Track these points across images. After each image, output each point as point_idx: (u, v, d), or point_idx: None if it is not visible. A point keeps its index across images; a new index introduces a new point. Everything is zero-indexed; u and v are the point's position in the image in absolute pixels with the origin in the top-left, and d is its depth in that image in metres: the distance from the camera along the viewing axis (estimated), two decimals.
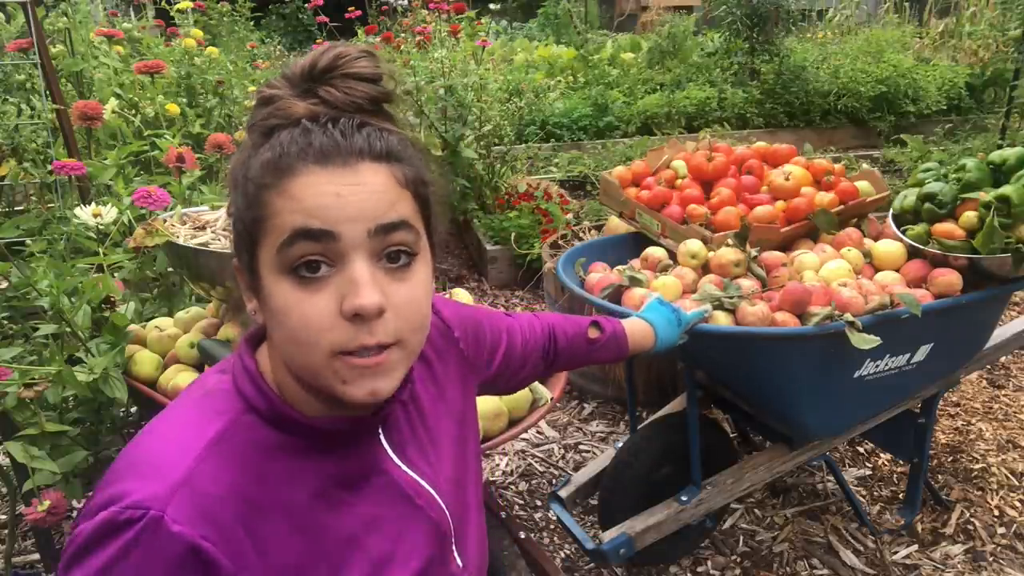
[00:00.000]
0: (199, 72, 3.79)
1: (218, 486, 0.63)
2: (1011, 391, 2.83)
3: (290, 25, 11.40)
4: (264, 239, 0.64)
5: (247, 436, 0.67)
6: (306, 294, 0.62)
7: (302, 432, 0.69)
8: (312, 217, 0.61)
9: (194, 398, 0.71)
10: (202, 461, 0.63)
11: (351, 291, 0.62)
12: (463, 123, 3.88)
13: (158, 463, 0.63)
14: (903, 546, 2.04)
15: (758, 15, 6.35)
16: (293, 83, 0.67)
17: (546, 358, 1.16)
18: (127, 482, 0.61)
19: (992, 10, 7.61)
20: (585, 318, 1.25)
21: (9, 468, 1.70)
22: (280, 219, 0.62)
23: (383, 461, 0.75)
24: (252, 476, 0.65)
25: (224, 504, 0.63)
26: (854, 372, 1.63)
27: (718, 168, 2.05)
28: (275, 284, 0.64)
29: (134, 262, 1.77)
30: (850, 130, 6.47)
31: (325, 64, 0.66)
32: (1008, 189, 1.59)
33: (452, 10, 4.41)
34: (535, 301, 3.73)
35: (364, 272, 0.62)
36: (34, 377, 1.39)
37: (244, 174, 0.66)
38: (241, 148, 0.70)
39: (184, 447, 0.64)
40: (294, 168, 0.63)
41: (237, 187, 0.67)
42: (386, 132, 0.67)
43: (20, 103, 2.54)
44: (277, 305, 0.64)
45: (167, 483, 0.61)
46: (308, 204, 0.62)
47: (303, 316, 0.62)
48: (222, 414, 0.67)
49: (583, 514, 2.18)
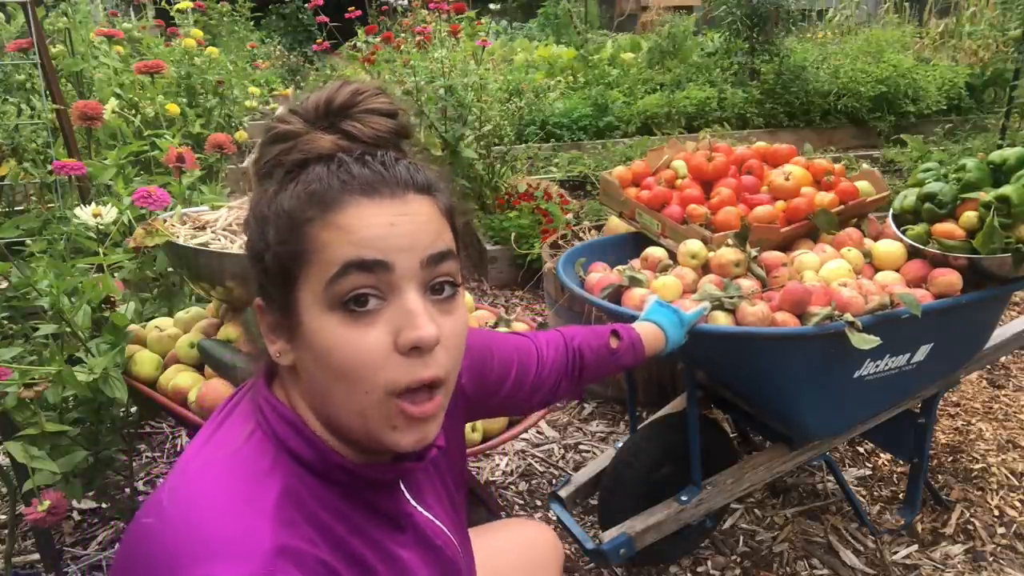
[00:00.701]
0: (199, 72, 3.79)
1: (306, 545, 0.60)
2: (1011, 391, 2.83)
3: (290, 25, 11.39)
4: (306, 274, 0.61)
5: (301, 489, 0.64)
6: (357, 329, 0.60)
7: (345, 481, 0.66)
8: (365, 248, 0.60)
9: (230, 461, 0.64)
10: (279, 524, 0.59)
11: (408, 323, 0.60)
12: (463, 123, 3.88)
13: (233, 543, 0.57)
14: (903, 546, 2.04)
15: (758, 15, 6.35)
16: (309, 119, 0.66)
17: (571, 375, 1.13)
18: (211, 565, 0.55)
19: (992, 10, 7.61)
20: (604, 328, 1.24)
21: (9, 468, 1.70)
22: (328, 252, 0.60)
23: (403, 504, 0.75)
24: (320, 528, 0.63)
25: (318, 559, 0.60)
26: (854, 372, 1.63)
27: (718, 168, 2.05)
28: (321, 321, 0.61)
29: (134, 262, 1.77)
30: (850, 130, 6.47)
31: (344, 100, 0.65)
32: (1008, 189, 1.59)
33: (452, 10, 4.41)
34: (535, 301, 3.73)
35: (419, 303, 0.61)
36: (34, 377, 1.39)
37: (273, 211, 0.63)
38: (259, 186, 0.67)
39: (253, 522, 0.59)
40: (340, 200, 0.61)
41: (264, 224, 0.64)
42: (421, 164, 0.66)
43: (20, 103, 2.54)
44: (325, 343, 0.61)
45: (261, 557, 0.56)
46: (361, 235, 0.60)
47: (357, 353, 0.60)
48: (272, 474, 0.63)
49: (583, 514, 2.18)
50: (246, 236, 0.68)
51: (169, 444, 2.56)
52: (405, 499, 0.75)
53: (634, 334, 1.27)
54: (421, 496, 0.78)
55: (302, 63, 9.88)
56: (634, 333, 1.27)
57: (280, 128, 0.66)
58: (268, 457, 0.64)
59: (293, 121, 0.66)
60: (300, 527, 0.61)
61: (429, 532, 0.76)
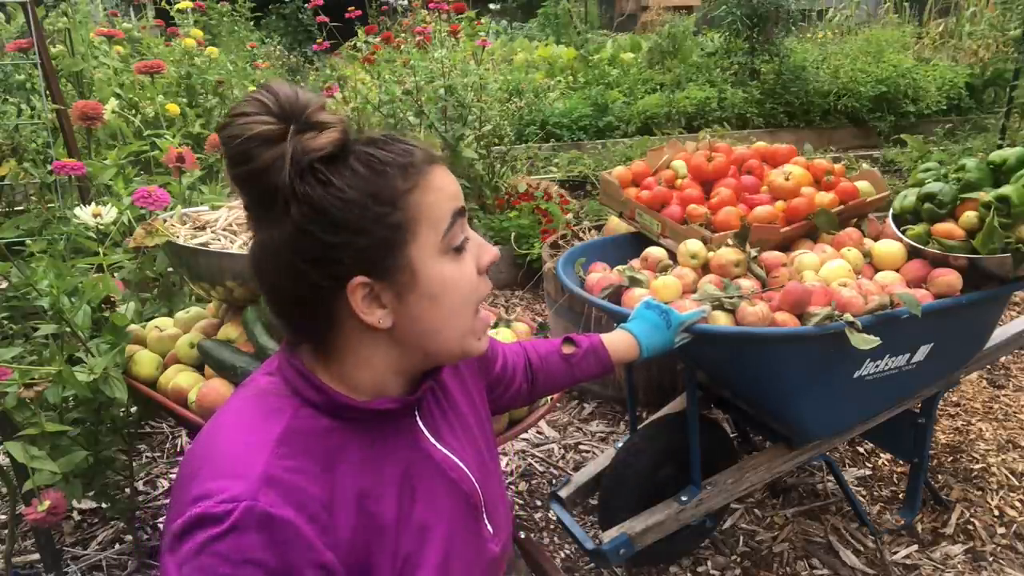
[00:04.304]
0: (199, 72, 3.79)
1: (295, 476, 0.69)
2: (1011, 391, 2.83)
3: (290, 25, 11.40)
4: (419, 232, 0.72)
5: (308, 427, 0.73)
6: (462, 264, 0.76)
7: (356, 416, 0.76)
8: (457, 200, 0.75)
9: (251, 398, 0.76)
10: (275, 456, 0.69)
11: (483, 251, 0.79)
12: (463, 123, 3.88)
13: (235, 463, 0.68)
14: (903, 546, 2.04)
15: (758, 15, 6.36)
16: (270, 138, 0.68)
17: (528, 377, 1.20)
18: (211, 482, 0.67)
19: (992, 10, 7.61)
20: (558, 339, 1.27)
21: (9, 468, 1.70)
22: (436, 209, 0.73)
23: (421, 441, 0.83)
24: (321, 463, 0.72)
25: (305, 491, 0.68)
26: (854, 372, 1.63)
27: (718, 168, 2.05)
28: (438, 267, 0.74)
29: (134, 262, 1.77)
30: (850, 130, 6.48)
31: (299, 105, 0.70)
32: (1008, 189, 1.59)
33: (452, 10, 4.41)
34: (535, 301, 3.73)
35: (478, 235, 0.79)
36: (34, 377, 1.39)
37: (349, 198, 0.69)
38: (318, 182, 0.69)
39: (256, 446, 0.70)
40: (423, 169, 0.73)
41: (357, 210, 0.69)
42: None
43: (20, 103, 2.54)
44: (442, 284, 0.74)
45: (251, 479, 0.66)
46: (450, 191, 0.75)
47: (468, 282, 0.76)
48: (282, 411, 0.74)
49: (583, 514, 2.18)
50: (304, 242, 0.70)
51: (169, 444, 2.56)
52: (424, 436, 0.84)
53: (595, 341, 1.28)
54: (439, 434, 0.86)
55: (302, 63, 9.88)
56: (595, 340, 1.28)
57: (260, 130, 0.67)
58: (282, 399, 0.75)
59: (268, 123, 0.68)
60: (297, 458, 0.70)
61: (444, 466, 0.84)
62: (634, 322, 1.39)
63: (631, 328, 1.37)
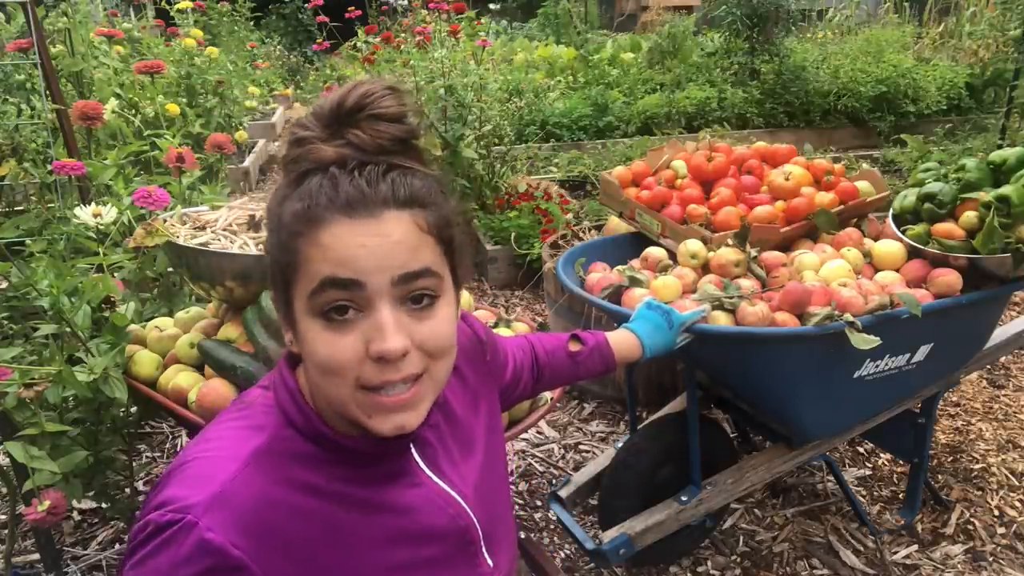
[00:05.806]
0: (199, 72, 3.80)
1: (254, 496, 0.67)
2: (1011, 391, 2.83)
3: (290, 25, 11.41)
4: (296, 282, 0.68)
5: (286, 449, 0.72)
6: (335, 335, 0.67)
7: (335, 448, 0.73)
8: (340, 267, 0.65)
9: (238, 411, 0.76)
10: (241, 473, 0.68)
11: (376, 336, 0.66)
12: (463, 123, 3.88)
13: (201, 473, 0.68)
14: (903, 546, 2.04)
15: (758, 15, 6.35)
16: (322, 122, 0.69)
17: (534, 374, 1.19)
18: (174, 489, 0.67)
19: (992, 10, 7.60)
20: (565, 334, 1.27)
21: (9, 468, 1.70)
22: (311, 266, 0.66)
23: (416, 474, 0.79)
24: (289, 486, 0.70)
25: (258, 513, 0.67)
26: (854, 372, 1.63)
27: (718, 168, 2.05)
28: (307, 324, 0.68)
29: (134, 262, 1.77)
30: (850, 130, 6.47)
31: (352, 104, 0.68)
32: (1008, 189, 1.59)
33: (452, 10, 4.41)
34: (535, 301, 3.73)
35: (388, 318, 0.66)
36: (34, 377, 1.39)
37: (279, 218, 0.70)
38: (278, 187, 0.72)
39: (227, 459, 0.69)
40: (323, 219, 0.66)
41: (272, 230, 0.71)
42: (410, 176, 0.70)
43: (20, 103, 2.54)
44: (310, 344, 0.68)
45: (207, 492, 0.66)
46: (336, 255, 0.65)
47: (333, 355, 0.67)
48: (263, 428, 0.72)
49: (583, 514, 2.18)
50: (266, 231, 0.74)
51: (169, 444, 2.56)
52: (416, 467, 0.79)
53: (601, 339, 1.28)
54: (436, 465, 0.82)
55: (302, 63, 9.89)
56: (601, 338, 1.28)
57: (297, 133, 0.70)
58: (267, 416, 0.73)
59: (310, 125, 0.70)
60: (266, 475, 0.68)
61: (439, 500, 0.80)
62: (637, 322, 1.40)
63: (634, 328, 1.37)
